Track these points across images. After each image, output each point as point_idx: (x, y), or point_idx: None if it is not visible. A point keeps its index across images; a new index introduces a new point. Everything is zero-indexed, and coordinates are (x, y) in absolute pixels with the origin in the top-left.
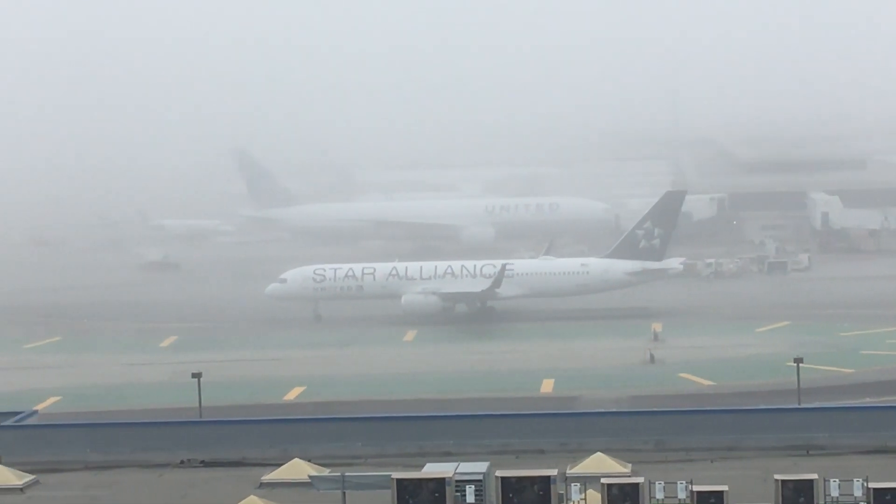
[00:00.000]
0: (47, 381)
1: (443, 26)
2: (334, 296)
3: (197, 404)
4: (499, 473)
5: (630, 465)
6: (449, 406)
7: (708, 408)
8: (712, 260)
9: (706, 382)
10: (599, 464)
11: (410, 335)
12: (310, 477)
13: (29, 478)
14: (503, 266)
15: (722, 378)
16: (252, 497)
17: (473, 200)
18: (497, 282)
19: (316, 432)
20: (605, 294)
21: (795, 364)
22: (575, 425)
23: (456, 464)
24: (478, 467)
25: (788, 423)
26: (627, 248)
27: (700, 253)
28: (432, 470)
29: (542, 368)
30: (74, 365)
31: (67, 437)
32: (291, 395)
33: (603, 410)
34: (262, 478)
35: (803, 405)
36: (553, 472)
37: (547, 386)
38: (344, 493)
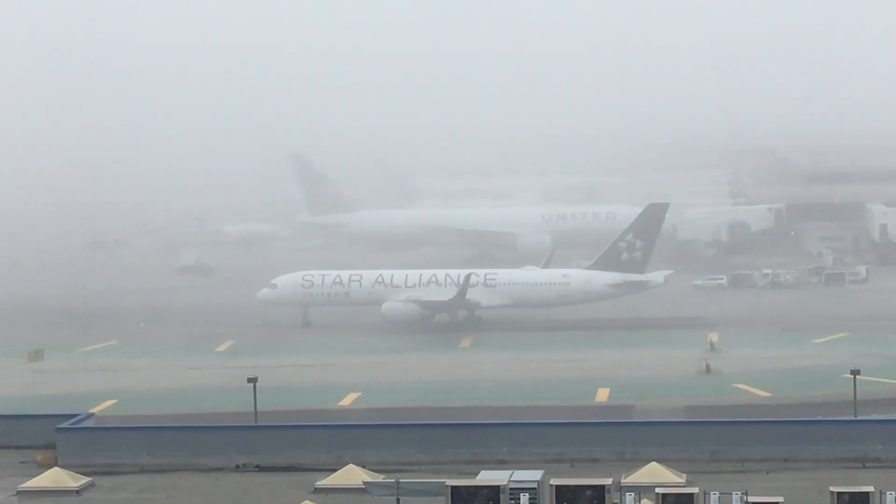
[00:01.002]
0: (104, 384)
1: (504, 34)
2: (322, 301)
3: (252, 409)
4: (553, 482)
5: (685, 475)
6: (504, 414)
7: (764, 419)
8: (769, 271)
9: (762, 393)
10: (654, 473)
11: (467, 342)
12: (364, 483)
13: (84, 480)
14: (467, 276)
15: (778, 389)
16: (307, 502)
17: (530, 208)
18: (462, 292)
19: (371, 438)
20: (661, 306)
21: (852, 376)
22: (630, 434)
23: (510, 471)
24: (532, 475)
25: (844, 436)
26: (610, 260)
27: (757, 263)
28: (487, 477)
29: (598, 377)
30: (130, 368)
31: (123, 440)
32: (346, 400)
33: (658, 420)
34: (317, 483)
35: (859, 417)
36: (608, 481)
37: (602, 395)
38: (398, 500)
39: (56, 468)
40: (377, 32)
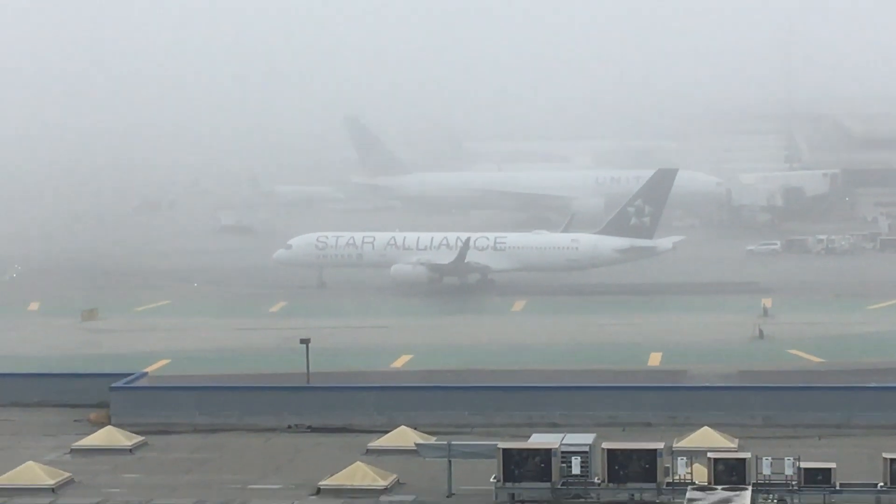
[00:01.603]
0: (157, 344)
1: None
2: (335, 263)
3: (305, 370)
4: (605, 445)
5: (737, 440)
6: (556, 377)
7: (817, 384)
8: (824, 236)
9: (816, 359)
10: (706, 438)
11: (519, 305)
12: (416, 444)
13: (138, 439)
14: (466, 239)
15: (832, 355)
16: (358, 463)
17: (584, 172)
18: (461, 255)
19: (423, 400)
20: (711, 269)
21: None
22: (682, 399)
23: (562, 435)
24: (584, 439)
25: None
26: (618, 225)
27: (812, 229)
28: (538, 440)
29: (651, 341)
30: (184, 328)
31: (176, 400)
32: (399, 362)
33: (711, 385)
34: (369, 444)
35: None
36: (659, 446)
37: (654, 359)
38: (450, 461)
39: (109, 427)
40: None
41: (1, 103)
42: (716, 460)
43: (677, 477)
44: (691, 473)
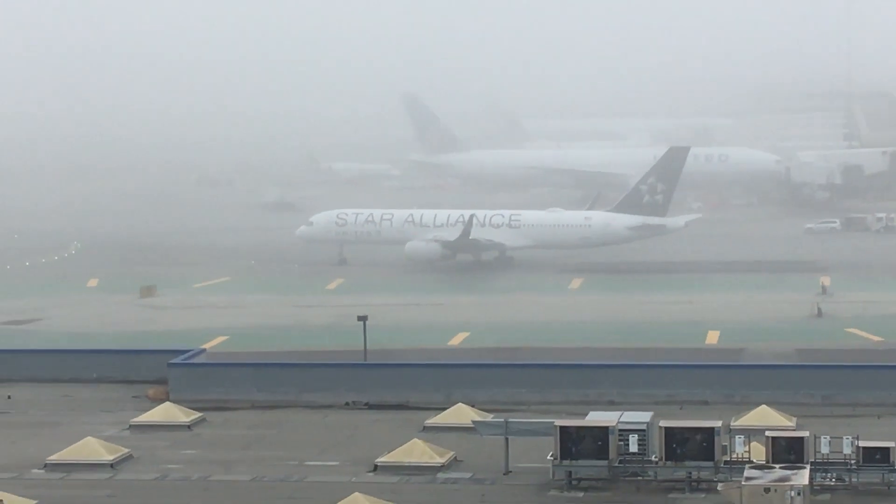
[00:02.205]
0: (215, 321)
1: None
2: (355, 240)
3: (362, 347)
4: (662, 423)
5: (795, 418)
6: (614, 355)
7: (876, 363)
8: (883, 214)
9: (875, 338)
10: (764, 417)
11: (577, 283)
12: (473, 422)
13: (196, 415)
14: (471, 217)
15: (891, 334)
16: (416, 440)
17: (642, 150)
18: (466, 232)
19: (480, 378)
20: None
21: None
22: (740, 377)
23: (620, 413)
24: (641, 417)
25: None
26: (632, 203)
27: (871, 207)
28: (596, 418)
29: (708, 320)
30: (242, 305)
31: (234, 377)
32: (456, 340)
33: (769, 363)
34: (426, 421)
35: None
36: (717, 424)
37: (712, 337)
38: (507, 439)
39: (168, 403)
40: None
41: (56, 82)
42: (774, 439)
43: (735, 455)
44: (749, 452)
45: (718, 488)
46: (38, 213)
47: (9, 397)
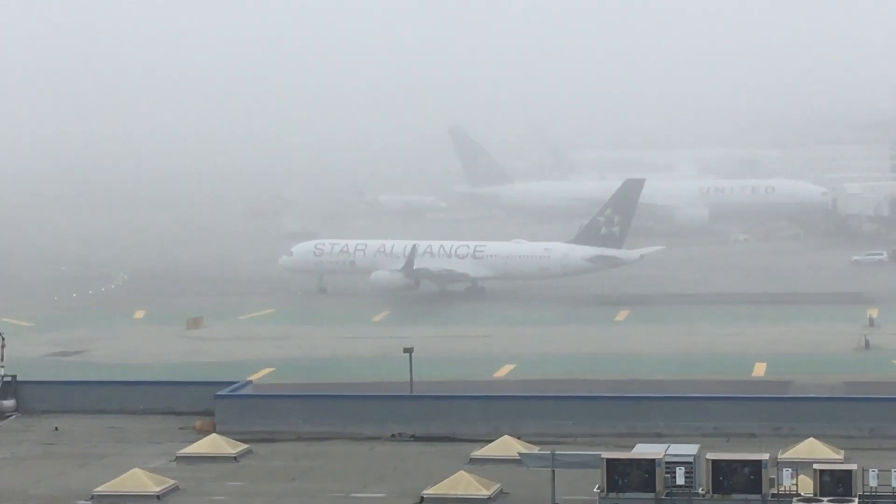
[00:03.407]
0: (261, 352)
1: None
2: (330, 269)
3: (408, 379)
4: (709, 456)
5: (843, 451)
6: (660, 387)
7: None
8: None
9: None
10: (812, 449)
11: (622, 315)
12: (520, 454)
13: (242, 447)
14: (413, 246)
15: None
16: (462, 472)
17: (688, 181)
18: (409, 262)
19: (526, 410)
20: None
21: None
22: (787, 410)
23: (667, 445)
24: (688, 449)
25: None
26: (590, 235)
27: None
28: (643, 451)
29: (755, 351)
30: (288, 337)
31: (280, 408)
32: (502, 372)
33: (816, 396)
34: (473, 453)
35: None
36: (765, 457)
37: (759, 369)
38: (553, 471)
39: (214, 434)
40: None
41: (104, 111)
42: (821, 472)
43: (782, 488)
44: (797, 485)
45: None
46: (86, 243)
47: (56, 428)
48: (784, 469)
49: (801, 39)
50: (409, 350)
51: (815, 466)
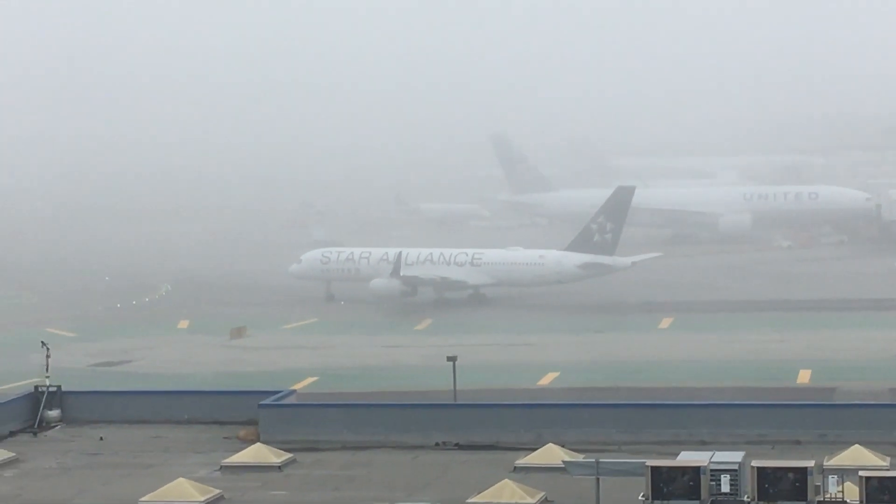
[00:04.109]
0: (305, 361)
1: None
2: (336, 277)
3: (452, 387)
4: (755, 463)
5: (889, 458)
6: (705, 394)
7: None
8: None
9: None
10: (858, 456)
11: (666, 322)
12: (564, 462)
13: (286, 456)
14: (399, 253)
15: None
16: (506, 480)
17: (731, 188)
18: (396, 269)
19: (570, 418)
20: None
21: None
22: (833, 416)
23: (711, 452)
24: (733, 457)
25: None
26: (583, 242)
27: None
28: (687, 458)
29: (799, 358)
30: (331, 346)
31: (324, 417)
32: (545, 380)
33: (861, 402)
34: (517, 462)
35: None
36: (810, 464)
37: (804, 376)
38: (598, 479)
39: (258, 444)
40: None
41: (148, 120)
42: (868, 479)
43: (828, 495)
44: (842, 492)
45: None
46: (129, 254)
47: (101, 438)
48: (830, 476)
49: (841, 46)
50: (452, 358)
51: (861, 473)
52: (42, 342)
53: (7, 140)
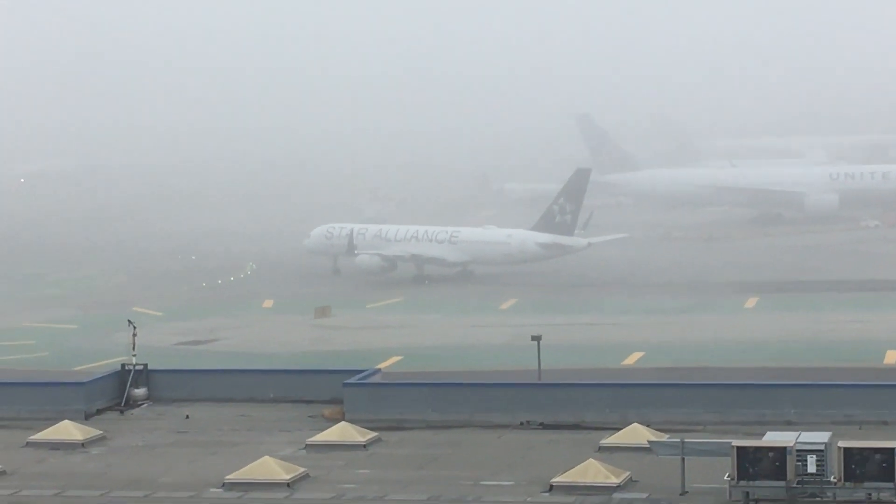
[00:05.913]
0: (389, 341)
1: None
2: (339, 252)
3: (536, 367)
4: (841, 444)
5: None
6: (791, 374)
7: None
8: None
9: None
10: None
11: (752, 302)
12: (649, 442)
13: (371, 435)
14: (351, 230)
15: None
16: (591, 460)
17: (818, 168)
18: (350, 247)
19: (655, 398)
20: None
21: None
22: None
23: (797, 433)
24: (820, 437)
25: None
26: (547, 222)
27: None
28: (773, 438)
29: (886, 339)
30: (415, 325)
31: (409, 397)
32: (630, 360)
33: None
34: (601, 441)
35: None
36: None
37: (891, 357)
38: (683, 459)
39: (344, 423)
40: None
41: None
42: None
43: None
44: None
45: None
46: (214, 234)
47: (187, 416)
48: None
49: None
50: (536, 338)
51: None
52: (129, 321)
53: (97, 125)
